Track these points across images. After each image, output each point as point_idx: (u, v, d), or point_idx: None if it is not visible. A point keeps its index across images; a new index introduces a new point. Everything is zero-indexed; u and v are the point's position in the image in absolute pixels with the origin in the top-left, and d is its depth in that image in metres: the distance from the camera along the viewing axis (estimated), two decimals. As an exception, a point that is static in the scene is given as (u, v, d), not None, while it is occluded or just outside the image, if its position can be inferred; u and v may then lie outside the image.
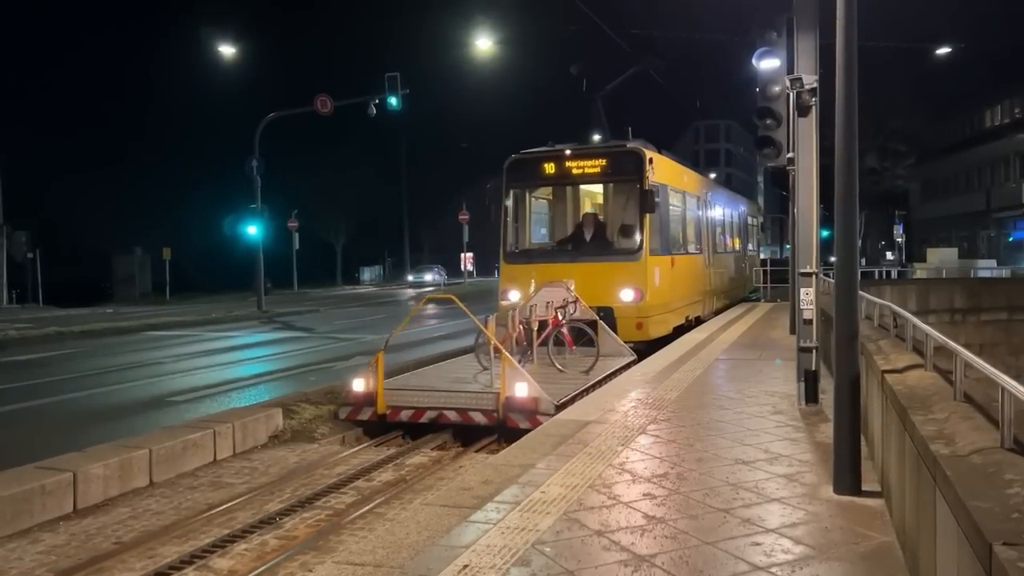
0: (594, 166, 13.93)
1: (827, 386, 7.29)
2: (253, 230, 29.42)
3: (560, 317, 11.61)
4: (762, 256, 37.15)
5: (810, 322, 7.97)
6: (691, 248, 17.01)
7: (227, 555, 5.93)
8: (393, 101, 26.12)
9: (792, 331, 11.74)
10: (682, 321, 15.46)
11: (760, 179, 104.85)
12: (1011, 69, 44.09)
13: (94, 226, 49.69)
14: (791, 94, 8.01)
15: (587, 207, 15.49)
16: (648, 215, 13.17)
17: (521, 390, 8.92)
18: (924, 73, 40.89)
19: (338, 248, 63.62)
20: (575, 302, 11.96)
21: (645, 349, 13.03)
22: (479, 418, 9.16)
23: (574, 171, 13.98)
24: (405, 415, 9.47)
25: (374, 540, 4.63)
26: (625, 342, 12.84)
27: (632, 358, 12.08)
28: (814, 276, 8.01)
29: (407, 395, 9.61)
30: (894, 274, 36.47)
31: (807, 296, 7.97)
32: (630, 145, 13.87)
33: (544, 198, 15.78)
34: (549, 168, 14.06)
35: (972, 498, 2.67)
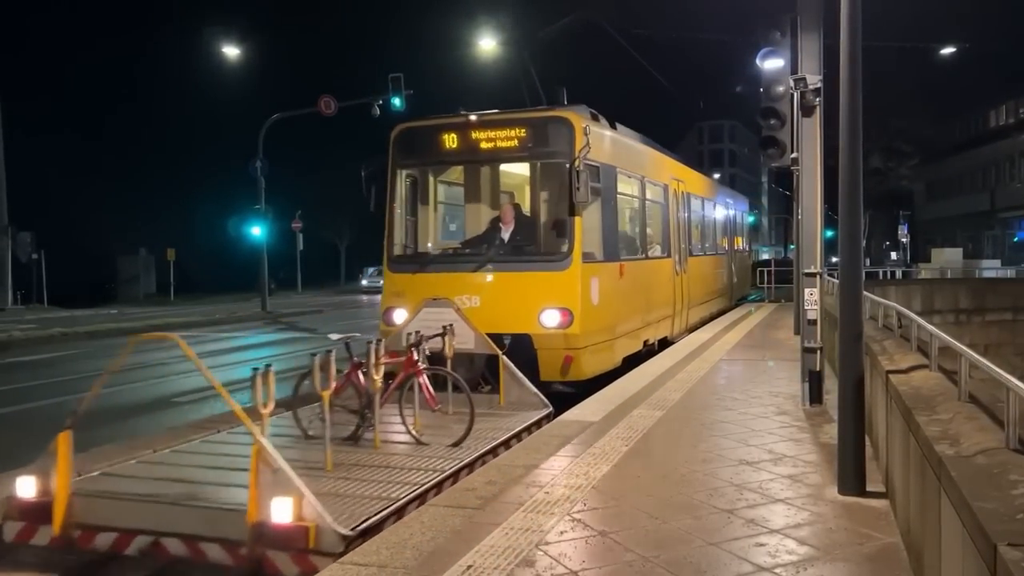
0: (509, 138, 10.31)
1: (831, 387, 7.28)
2: (257, 231, 29.47)
3: (416, 356, 7.60)
4: (764, 256, 36.92)
5: (814, 323, 7.97)
6: (654, 250, 13.49)
7: (231, 555, 5.92)
8: (396, 102, 26.09)
9: (796, 332, 11.73)
10: (638, 347, 12.00)
11: (764, 179, 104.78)
12: (1016, 69, 44.04)
13: (99, 227, 49.79)
14: (795, 94, 8.02)
15: (506, 195, 11.82)
16: (580, 206, 9.68)
17: (281, 511, 4.96)
18: (929, 73, 40.84)
19: (342, 249, 63.68)
20: (450, 331, 8.43)
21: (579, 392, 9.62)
22: (217, 554, 5.26)
23: (483, 145, 10.40)
24: (103, 541, 5.56)
25: (378, 540, 4.64)
26: (550, 383, 9.61)
27: (546, 411, 8.56)
28: (818, 276, 8.01)
29: (108, 507, 5.70)
30: (898, 274, 36.48)
31: (811, 297, 7.97)
32: (558, 111, 10.42)
33: (448, 182, 12.13)
34: (450, 141, 10.53)
35: (977, 499, 2.67)
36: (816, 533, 4.57)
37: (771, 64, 8.53)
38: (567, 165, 9.69)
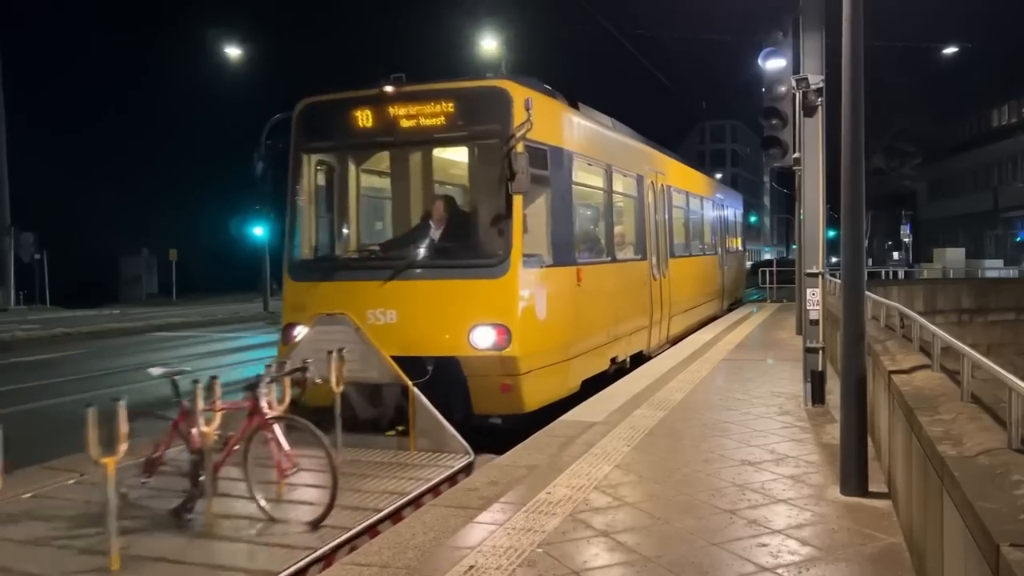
0: (435, 115, 8.44)
1: (833, 387, 7.27)
2: (259, 231, 29.53)
3: (263, 404, 5.78)
4: (767, 256, 36.88)
5: (816, 323, 7.97)
6: (625, 252, 11.59)
7: (233, 556, 5.91)
8: (398, 102, 26.12)
9: (798, 332, 11.72)
10: (604, 367, 10.07)
11: (766, 179, 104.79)
12: (1018, 68, 43.96)
13: (101, 227, 49.76)
14: (797, 94, 8.02)
15: (437, 186, 9.78)
16: (519, 197, 7.94)
17: None
18: (931, 73, 40.85)
19: (343, 249, 63.63)
20: (336, 358, 6.75)
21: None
22: None
23: (404, 124, 8.49)
24: None
25: (380, 541, 4.64)
26: (485, 416, 8.00)
27: (465, 460, 6.82)
28: (820, 277, 8.01)
29: None
30: (901, 274, 36.51)
31: (813, 297, 7.97)
32: (492, 80, 8.73)
33: (367, 170, 9.93)
34: (364, 119, 8.64)
35: (979, 499, 2.66)
36: (818, 533, 4.57)
37: (773, 64, 8.53)
38: (503, 147, 7.92)
